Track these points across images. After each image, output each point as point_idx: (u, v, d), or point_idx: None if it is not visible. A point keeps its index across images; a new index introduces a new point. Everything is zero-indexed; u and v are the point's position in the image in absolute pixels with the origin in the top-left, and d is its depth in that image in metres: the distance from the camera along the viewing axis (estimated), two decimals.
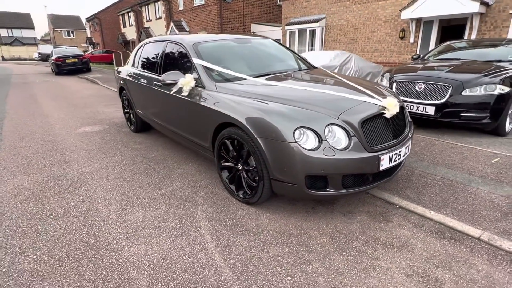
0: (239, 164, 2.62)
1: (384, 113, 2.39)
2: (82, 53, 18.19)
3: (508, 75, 4.03)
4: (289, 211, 2.54)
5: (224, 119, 2.57)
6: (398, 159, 2.42)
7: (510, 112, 4.09)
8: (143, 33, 23.97)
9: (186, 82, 2.96)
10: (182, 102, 3.13)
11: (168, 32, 18.74)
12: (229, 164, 2.74)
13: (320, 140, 2.15)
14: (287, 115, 2.23)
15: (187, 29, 18.15)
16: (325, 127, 2.18)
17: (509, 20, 7.74)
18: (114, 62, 18.21)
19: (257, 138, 2.28)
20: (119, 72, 5.11)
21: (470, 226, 2.28)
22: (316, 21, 12.20)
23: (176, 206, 2.62)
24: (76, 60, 16.60)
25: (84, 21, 44.78)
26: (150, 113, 4.05)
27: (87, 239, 2.16)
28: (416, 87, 4.30)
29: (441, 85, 4.07)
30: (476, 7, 7.68)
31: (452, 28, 10.16)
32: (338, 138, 2.20)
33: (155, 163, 3.62)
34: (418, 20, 9.38)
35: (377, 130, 2.36)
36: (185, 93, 3.01)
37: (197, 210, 2.56)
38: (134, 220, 2.40)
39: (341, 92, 2.54)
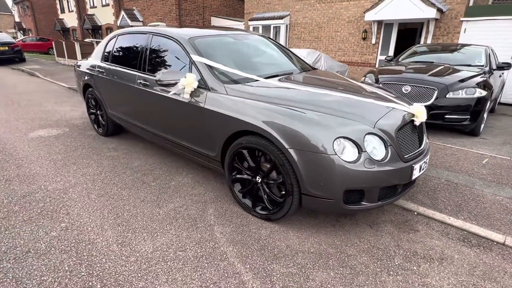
0: (257, 177, 2.35)
1: (414, 120, 2.31)
2: (13, 41, 15.79)
3: (483, 79, 4.32)
4: (314, 226, 2.34)
5: (242, 127, 2.26)
6: (425, 167, 2.37)
7: (485, 114, 4.41)
8: (87, 20, 21.69)
9: (188, 82, 2.57)
10: (180, 106, 2.73)
11: (119, 22, 17.18)
12: (244, 176, 2.44)
13: (360, 151, 1.98)
14: (322, 124, 2.02)
15: (141, 19, 16.83)
16: (364, 136, 2.02)
17: (460, 26, 8.47)
18: (55, 52, 16.14)
19: (289, 149, 2.03)
20: (79, 66, 4.40)
21: (492, 231, 2.32)
22: (281, 17, 12.13)
23: (188, 228, 2.25)
24: (7, 48, 14.39)
25: (10, 3, 39.15)
26: (129, 116, 3.52)
27: (90, 284, 1.71)
28: (403, 89, 4.41)
29: (427, 87, 4.22)
30: (433, 13, 8.25)
31: (406, 32, 10.88)
32: (376, 148, 2.05)
33: (142, 174, 3.14)
34: (380, 22, 9.82)
35: (407, 138, 2.27)
36: (186, 95, 2.62)
37: (213, 231, 2.23)
38: (143, 251, 1.99)
39: (367, 98, 2.40)
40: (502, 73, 5.88)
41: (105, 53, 3.87)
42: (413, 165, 2.16)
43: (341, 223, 2.39)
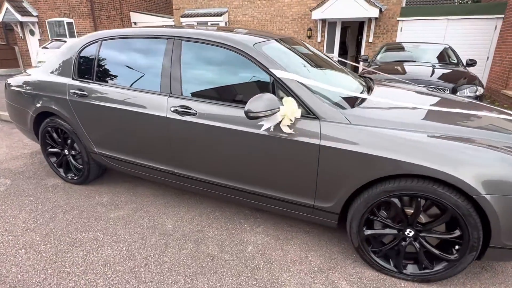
0: (407, 230, 1.78)
1: None
2: None
3: (473, 76, 4.61)
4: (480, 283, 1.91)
5: (402, 170, 1.63)
6: None
7: None
8: None
9: (290, 111, 1.79)
10: (265, 143, 1.92)
11: (1, 17, 13.37)
12: (386, 231, 1.84)
13: None
14: None
15: (35, 14, 13.49)
16: None
17: (397, 25, 9.26)
18: None
19: (485, 196, 1.53)
20: (19, 85, 2.95)
21: None
22: (219, 14, 11.31)
23: None
24: None
25: None
26: (142, 156, 2.44)
27: None
28: None
29: (439, 88, 4.25)
30: (376, 13, 8.78)
31: (345, 30, 11.46)
32: None
33: (194, 241, 2.17)
34: (324, 21, 10.03)
35: None
36: (286, 129, 1.83)
37: None
38: None
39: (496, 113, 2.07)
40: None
41: (81, 67, 2.62)
42: None
43: None
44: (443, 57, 5.56)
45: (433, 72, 4.58)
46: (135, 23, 14.10)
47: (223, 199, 2.50)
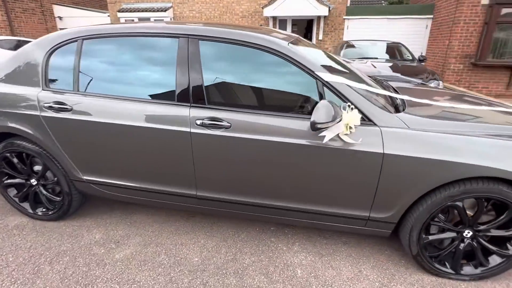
0: (466, 231, 1.77)
1: None
2: None
3: (431, 70, 5.04)
4: None
5: (470, 173, 1.59)
6: None
7: None
8: None
9: (353, 118, 1.62)
10: (328, 154, 1.71)
11: None
12: (444, 235, 1.80)
13: None
14: None
15: None
16: None
17: (343, 23, 9.75)
18: None
19: None
20: None
21: None
22: (163, 9, 10.50)
23: None
24: None
25: None
26: (156, 180, 2.02)
27: None
28: None
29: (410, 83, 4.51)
30: (326, 11, 9.11)
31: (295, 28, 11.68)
32: None
33: (237, 277, 1.87)
34: (275, 18, 10.05)
35: None
36: (347, 139, 1.65)
37: None
38: None
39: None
40: None
41: (55, 74, 2.05)
42: None
43: None
44: (400, 53, 5.98)
45: (397, 67, 4.86)
46: (60, 18, 12.30)
47: (241, 217, 2.22)
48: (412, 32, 9.36)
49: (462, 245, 1.81)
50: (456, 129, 1.69)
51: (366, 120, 1.71)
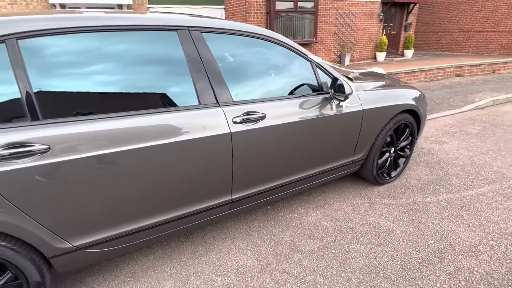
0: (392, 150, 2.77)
1: None
2: None
3: None
4: None
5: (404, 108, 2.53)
6: None
7: None
8: None
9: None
10: (336, 119, 2.13)
11: None
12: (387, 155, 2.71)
13: None
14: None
15: None
16: None
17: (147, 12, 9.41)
18: None
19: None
20: None
21: None
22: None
23: None
24: None
25: None
26: (188, 202, 1.70)
27: None
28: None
29: None
30: (129, 0, 8.47)
31: None
32: None
33: None
34: (63, 6, 8.24)
35: None
36: (349, 104, 2.11)
37: None
38: None
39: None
40: None
41: None
42: None
43: None
44: None
45: None
46: None
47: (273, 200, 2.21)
48: None
49: (389, 158, 2.80)
50: (379, 85, 2.55)
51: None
